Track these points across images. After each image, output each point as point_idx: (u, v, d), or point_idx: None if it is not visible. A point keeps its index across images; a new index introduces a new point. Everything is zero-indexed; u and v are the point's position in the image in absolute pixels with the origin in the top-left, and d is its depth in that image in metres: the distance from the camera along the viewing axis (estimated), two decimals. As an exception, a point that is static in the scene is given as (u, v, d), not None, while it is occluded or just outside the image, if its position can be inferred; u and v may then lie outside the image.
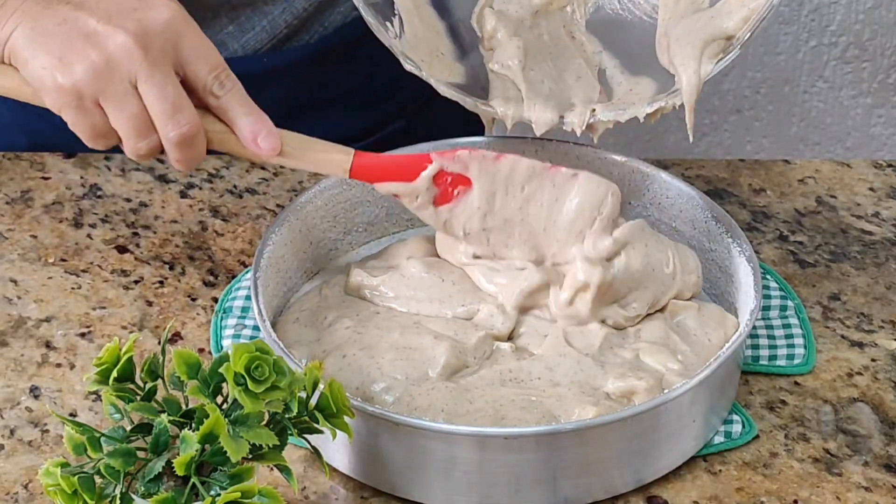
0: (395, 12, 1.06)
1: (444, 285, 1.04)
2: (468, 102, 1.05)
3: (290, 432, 0.86)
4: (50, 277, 1.12)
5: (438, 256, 1.06)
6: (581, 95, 1.07)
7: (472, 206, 1.02)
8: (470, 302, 1.03)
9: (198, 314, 1.09)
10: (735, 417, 1.00)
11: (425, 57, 1.06)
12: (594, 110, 1.04)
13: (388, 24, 1.05)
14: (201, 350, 1.06)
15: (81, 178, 1.22)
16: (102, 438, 0.84)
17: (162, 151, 0.98)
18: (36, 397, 1.02)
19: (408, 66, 1.04)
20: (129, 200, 1.20)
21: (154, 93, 0.95)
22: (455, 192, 1.02)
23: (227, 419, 0.83)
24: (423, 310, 1.03)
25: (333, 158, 1.01)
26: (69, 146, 1.27)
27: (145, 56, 0.94)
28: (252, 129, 0.98)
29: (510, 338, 1.02)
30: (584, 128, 1.04)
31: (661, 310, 1.03)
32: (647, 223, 1.11)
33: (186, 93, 0.97)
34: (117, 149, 1.26)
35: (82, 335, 1.07)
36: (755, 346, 1.05)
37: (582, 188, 1.02)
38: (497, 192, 1.02)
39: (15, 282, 1.12)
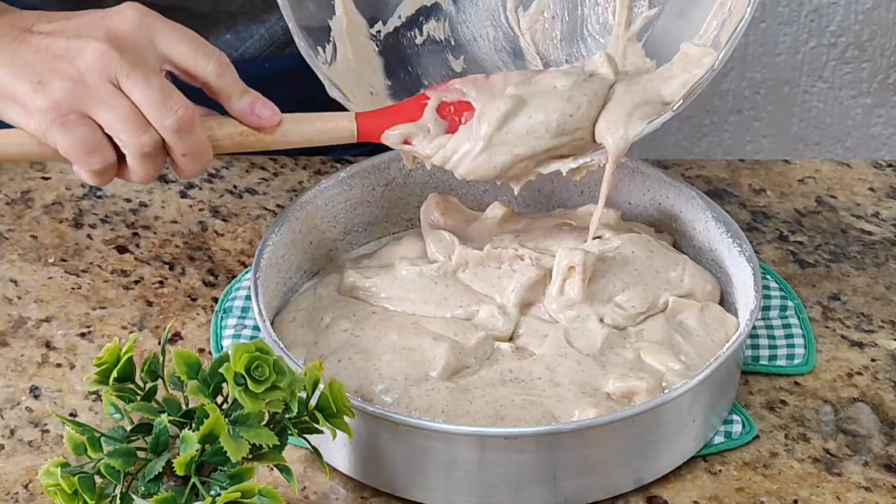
0: (330, 39, 1.06)
1: (436, 287, 1.04)
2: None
3: (290, 432, 0.86)
4: (50, 277, 1.12)
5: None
6: None
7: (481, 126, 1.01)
8: (467, 304, 1.03)
9: (198, 314, 1.09)
10: (735, 417, 1.00)
11: (355, 90, 1.06)
12: None
13: (319, 48, 1.04)
14: (201, 350, 1.06)
15: (81, 178, 1.23)
16: (102, 438, 0.84)
17: (164, 152, 0.96)
18: (36, 397, 1.02)
19: (333, 94, 1.03)
20: (129, 201, 1.20)
21: (139, 86, 0.94)
22: (462, 119, 1.01)
23: (227, 419, 0.83)
24: (418, 310, 1.03)
25: (338, 126, 1.00)
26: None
27: (122, 56, 0.94)
28: (249, 101, 0.97)
29: (510, 338, 1.02)
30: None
31: (664, 309, 1.03)
32: (648, 223, 1.12)
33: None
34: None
35: (82, 335, 1.07)
36: (755, 346, 1.05)
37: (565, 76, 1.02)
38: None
39: (15, 282, 1.12)
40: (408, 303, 1.04)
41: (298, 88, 1.27)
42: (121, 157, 0.96)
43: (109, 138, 0.95)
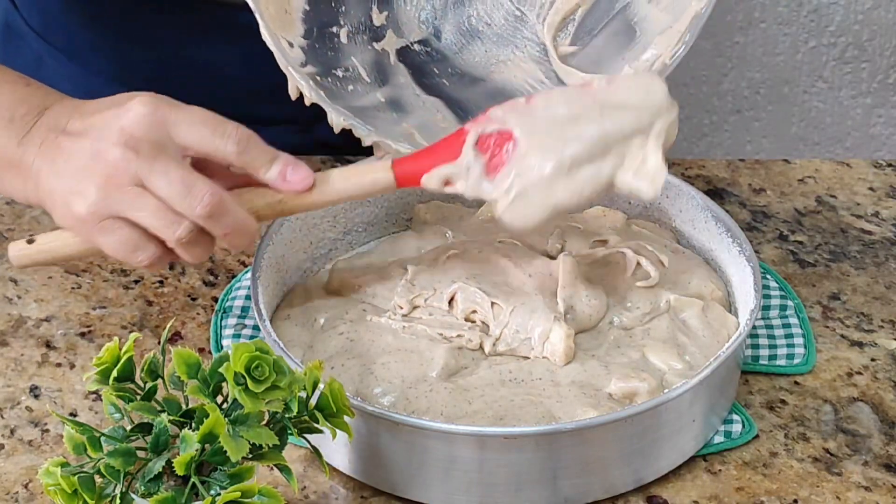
0: None
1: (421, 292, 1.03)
2: (281, 61, 0.99)
3: (290, 432, 0.86)
4: (50, 277, 1.12)
5: (425, 256, 1.06)
6: None
7: (526, 159, 0.94)
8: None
9: (198, 314, 1.09)
10: (735, 417, 1.00)
11: (270, 4, 1.02)
12: None
13: None
14: (201, 350, 1.06)
15: (81, 178, 1.23)
16: (102, 438, 0.84)
17: (210, 238, 0.96)
18: (36, 397, 1.02)
19: None
20: (128, 200, 1.20)
21: (160, 183, 0.93)
22: (504, 150, 0.94)
23: (227, 419, 0.83)
24: (414, 312, 1.03)
25: (375, 178, 0.97)
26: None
27: (139, 156, 0.93)
28: (278, 169, 0.95)
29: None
30: (366, 144, 1.01)
31: (668, 309, 1.03)
32: (648, 224, 1.11)
33: (205, 172, 0.95)
34: None
35: (82, 335, 1.07)
36: (755, 346, 1.05)
37: (622, 88, 0.95)
38: (543, 136, 0.94)
39: (15, 282, 1.12)
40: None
41: None
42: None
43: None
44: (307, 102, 0.99)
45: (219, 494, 0.81)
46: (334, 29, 1.06)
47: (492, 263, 1.03)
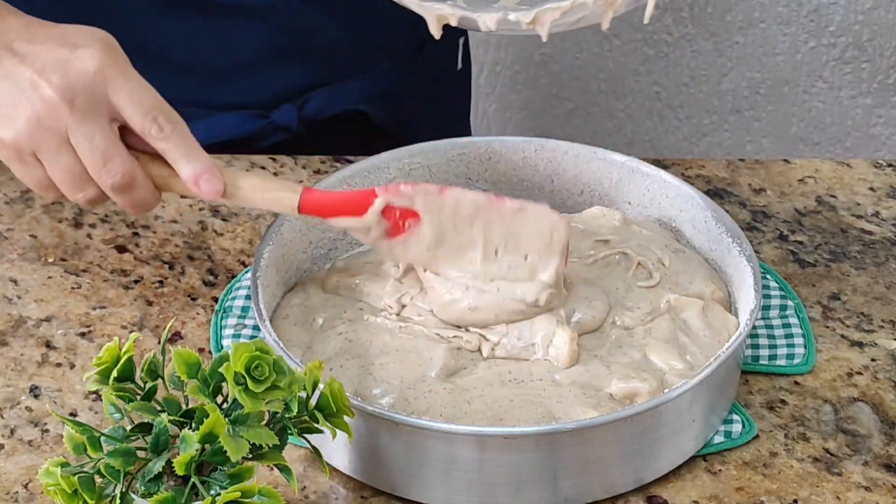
0: None
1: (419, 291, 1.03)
2: (413, 3, 0.99)
3: (290, 432, 0.86)
4: (50, 277, 1.12)
5: None
6: None
7: (422, 241, 1.01)
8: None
9: (198, 314, 1.09)
10: (735, 417, 1.00)
11: None
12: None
13: None
14: (201, 350, 1.06)
15: (81, 177, 1.23)
16: (102, 438, 0.84)
17: (106, 198, 1.00)
18: (36, 397, 1.02)
19: None
20: (128, 200, 1.20)
21: (83, 145, 0.97)
22: (406, 224, 1.00)
23: (227, 419, 0.83)
24: (404, 311, 1.03)
25: (281, 196, 1.01)
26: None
27: (71, 110, 0.97)
28: (193, 172, 0.99)
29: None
30: (528, 21, 0.97)
31: (668, 309, 1.03)
32: (648, 223, 1.11)
33: (133, 137, 0.99)
34: None
35: (82, 335, 1.07)
36: (755, 346, 1.05)
37: (530, 222, 1.00)
38: (446, 226, 1.00)
39: (15, 282, 1.12)
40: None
41: (299, 21, 1.25)
42: None
43: None
44: (454, 22, 0.98)
45: (219, 494, 0.82)
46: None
47: None
